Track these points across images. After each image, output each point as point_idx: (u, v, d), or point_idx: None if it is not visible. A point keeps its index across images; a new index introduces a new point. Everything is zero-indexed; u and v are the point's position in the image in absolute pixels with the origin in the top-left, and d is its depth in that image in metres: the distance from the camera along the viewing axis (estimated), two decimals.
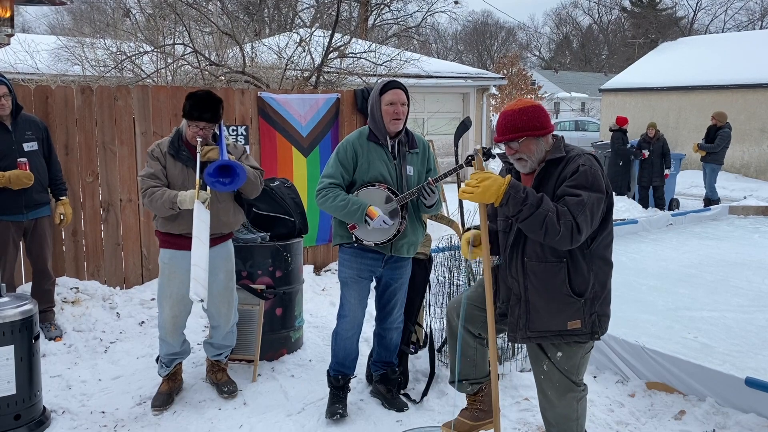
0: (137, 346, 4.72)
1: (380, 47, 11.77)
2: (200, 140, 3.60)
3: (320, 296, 6.02)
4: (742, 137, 15.86)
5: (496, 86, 20.67)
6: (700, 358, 4.04)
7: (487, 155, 3.15)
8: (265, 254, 4.37)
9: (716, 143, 11.10)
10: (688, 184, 14.38)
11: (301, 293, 4.67)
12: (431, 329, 4.14)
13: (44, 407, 3.63)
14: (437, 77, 15.03)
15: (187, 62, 9.15)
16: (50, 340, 4.67)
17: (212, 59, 9.32)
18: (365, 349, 4.20)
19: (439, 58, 32.14)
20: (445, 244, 4.58)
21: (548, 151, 2.70)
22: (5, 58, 11.05)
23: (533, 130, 2.65)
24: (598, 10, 54.43)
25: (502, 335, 3.59)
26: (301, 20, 23.85)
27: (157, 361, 3.99)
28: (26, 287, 4.99)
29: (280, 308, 4.48)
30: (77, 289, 5.28)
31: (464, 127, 4.79)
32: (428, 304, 4.29)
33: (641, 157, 11.03)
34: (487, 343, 2.98)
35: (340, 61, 10.21)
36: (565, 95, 41.82)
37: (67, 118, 5.46)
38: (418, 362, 4.22)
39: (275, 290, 4.39)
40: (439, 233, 6.44)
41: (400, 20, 24.95)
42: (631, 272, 6.59)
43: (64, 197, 4.85)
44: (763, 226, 9.52)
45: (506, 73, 32.17)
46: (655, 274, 6.70)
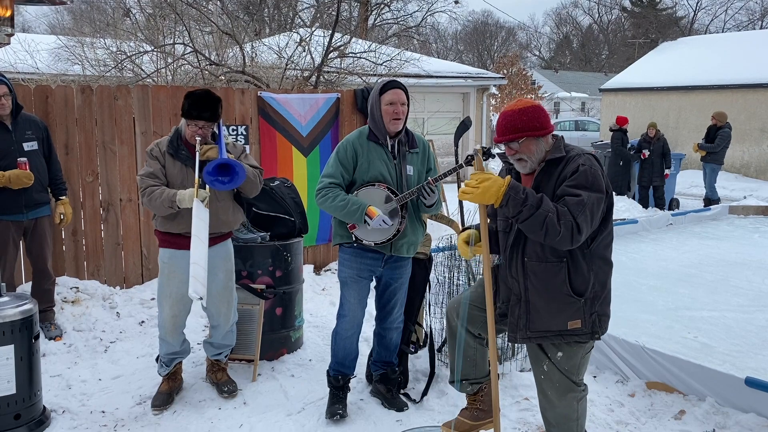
0: (137, 345, 4.72)
1: (380, 47, 11.77)
2: (199, 139, 3.60)
3: (320, 296, 6.02)
4: (742, 137, 15.87)
5: (496, 86, 20.67)
6: (700, 357, 4.04)
7: (487, 155, 3.15)
8: (265, 254, 4.37)
9: (716, 143, 11.10)
10: (688, 183, 14.38)
11: (301, 293, 4.68)
12: (431, 329, 4.13)
13: (44, 407, 3.63)
14: (437, 77, 15.03)
15: (187, 62, 9.15)
16: (50, 339, 4.67)
17: (212, 59, 9.32)
18: (365, 348, 4.20)
19: (439, 57, 32.14)
20: (445, 243, 4.57)
21: (548, 151, 2.70)
22: (5, 57, 11.03)
23: (533, 130, 2.64)
24: (598, 9, 54.49)
25: (502, 335, 3.59)
26: (301, 20, 23.87)
27: (157, 360, 3.99)
28: (26, 287, 4.99)
29: (280, 308, 4.48)
30: (77, 288, 5.28)
31: (464, 126, 4.79)
32: (428, 303, 4.29)
33: (642, 156, 11.03)
34: (487, 343, 2.98)
35: (340, 60, 10.21)
36: (565, 95, 41.82)
37: (67, 117, 5.46)
38: (418, 362, 4.21)
39: (275, 290, 4.39)
40: (439, 233, 6.44)
41: (400, 20, 24.99)
42: (631, 272, 6.59)
43: (64, 197, 4.85)
44: (763, 226, 9.52)
45: (506, 72, 32.15)
46: (655, 273, 6.70)
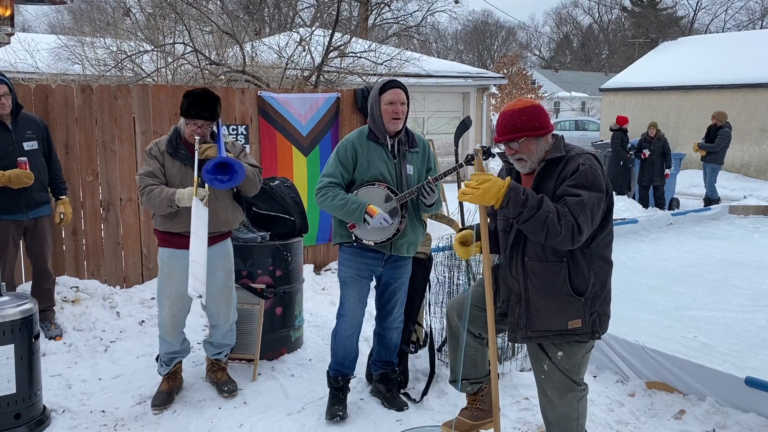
0: (137, 345, 4.72)
1: (380, 46, 11.77)
2: (198, 138, 3.60)
3: (320, 295, 6.02)
4: (742, 137, 15.86)
5: (496, 86, 20.65)
6: (700, 357, 4.04)
7: (487, 154, 3.15)
8: (265, 253, 4.37)
9: (716, 143, 11.10)
10: (688, 183, 14.38)
11: (301, 292, 4.68)
12: (431, 329, 4.13)
13: (44, 406, 3.63)
14: (437, 77, 15.02)
15: (187, 61, 9.15)
16: (50, 339, 4.67)
17: (212, 58, 9.32)
18: (365, 348, 4.20)
19: (439, 57, 32.16)
20: (445, 243, 4.57)
21: (548, 150, 2.70)
22: (5, 57, 11.03)
23: (533, 130, 2.64)
24: (598, 9, 54.47)
25: (502, 335, 3.59)
26: (301, 19, 23.85)
27: (156, 360, 3.98)
28: (26, 286, 4.99)
29: (280, 307, 4.48)
30: (77, 288, 5.28)
31: (464, 126, 4.78)
32: (428, 303, 4.29)
33: (642, 156, 11.03)
34: (487, 342, 2.98)
35: (340, 60, 10.21)
36: (565, 95, 41.80)
37: (67, 117, 5.46)
38: (418, 362, 4.21)
39: (275, 289, 4.39)
40: (439, 232, 6.44)
41: (400, 19, 25.01)
42: (631, 272, 6.59)
43: (64, 196, 4.85)
44: (763, 225, 9.52)
45: (506, 72, 32.13)
46: (655, 273, 6.70)
